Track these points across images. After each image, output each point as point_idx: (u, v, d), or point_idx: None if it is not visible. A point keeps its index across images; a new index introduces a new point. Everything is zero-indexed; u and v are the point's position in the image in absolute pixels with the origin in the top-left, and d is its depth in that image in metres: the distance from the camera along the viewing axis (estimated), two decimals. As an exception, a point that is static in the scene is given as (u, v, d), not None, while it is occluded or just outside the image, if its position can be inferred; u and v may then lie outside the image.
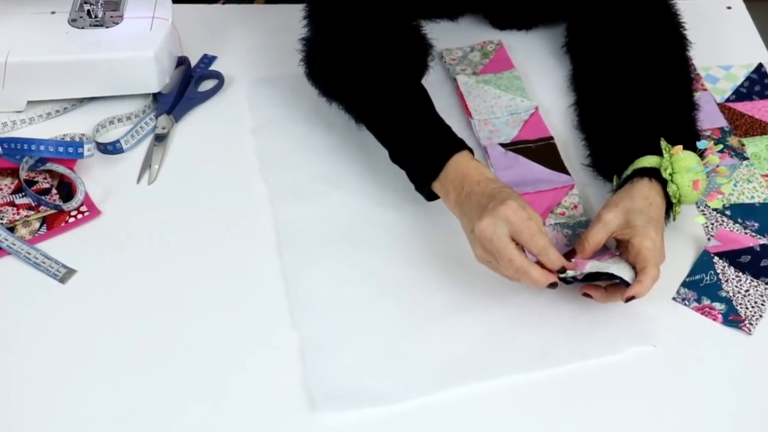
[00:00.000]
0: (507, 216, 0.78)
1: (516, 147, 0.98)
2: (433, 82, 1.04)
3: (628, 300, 0.80)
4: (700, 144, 0.85)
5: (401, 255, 0.88)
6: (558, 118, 1.03)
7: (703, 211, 0.93)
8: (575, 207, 0.92)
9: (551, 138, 0.99)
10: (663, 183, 0.85)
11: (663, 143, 0.86)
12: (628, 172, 0.87)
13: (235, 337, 0.82)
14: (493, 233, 0.78)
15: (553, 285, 0.79)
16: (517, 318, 0.82)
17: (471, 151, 0.88)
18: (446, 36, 1.10)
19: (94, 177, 0.96)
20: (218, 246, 0.90)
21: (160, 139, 1.00)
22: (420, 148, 0.88)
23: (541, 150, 0.98)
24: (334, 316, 0.83)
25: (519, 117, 1.02)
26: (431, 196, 0.88)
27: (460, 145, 0.87)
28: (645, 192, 0.84)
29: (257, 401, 0.77)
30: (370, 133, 0.93)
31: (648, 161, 0.87)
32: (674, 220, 0.87)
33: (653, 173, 0.85)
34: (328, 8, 0.96)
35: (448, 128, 0.89)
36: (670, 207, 0.86)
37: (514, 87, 1.05)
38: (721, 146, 0.91)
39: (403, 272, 0.86)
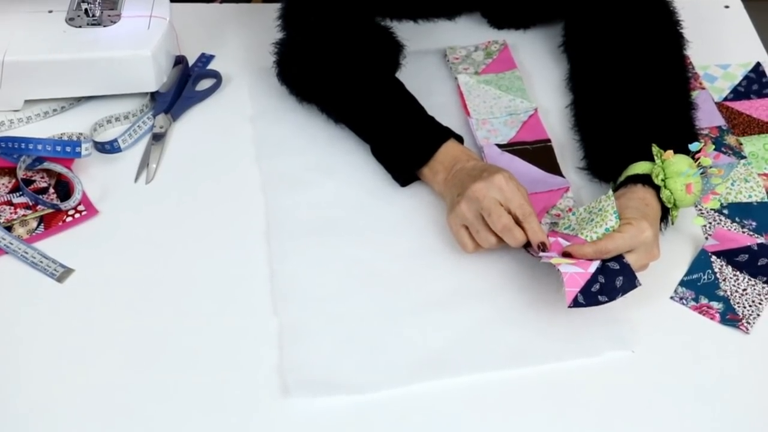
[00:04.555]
0: (500, 184, 0.83)
1: (513, 148, 0.98)
2: (433, 79, 1.06)
3: (564, 255, 0.81)
4: (692, 146, 0.86)
5: (387, 248, 0.88)
6: (556, 119, 1.03)
7: (701, 211, 0.93)
8: (570, 209, 0.92)
9: (548, 140, 0.99)
10: (657, 188, 0.86)
11: (654, 149, 0.87)
12: (622, 178, 0.88)
13: (221, 325, 0.83)
14: (486, 195, 0.82)
15: (538, 247, 0.82)
16: (496, 317, 0.83)
17: (459, 138, 0.92)
18: (444, 35, 1.11)
19: (92, 176, 0.96)
20: (216, 245, 0.90)
21: (158, 138, 1.00)
22: (407, 137, 0.91)
23: (537, 152, 0.98)
24: (316, 304, 0.84)
25: (518, 118, 1.02)
26: (407, 181, 0.91)
27: (448, 133, 0.91)
28: (640, 195, 0.85)
29: (234, 382, 0.78)
30: (350, 129, 0.96)
31: (640, 167, 0.87)
32: (672, 224, 0.88)
33: (647, 179, 0.86)
34: (301, 12, 0.98)
35: (432, 119, 0.93)
36: (667, 212, 0.87)
37: (515, 88, 1.05)
38: (713, 147, 0.91)
39: (388, 265, 0.87)
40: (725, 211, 0.93)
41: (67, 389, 0.78)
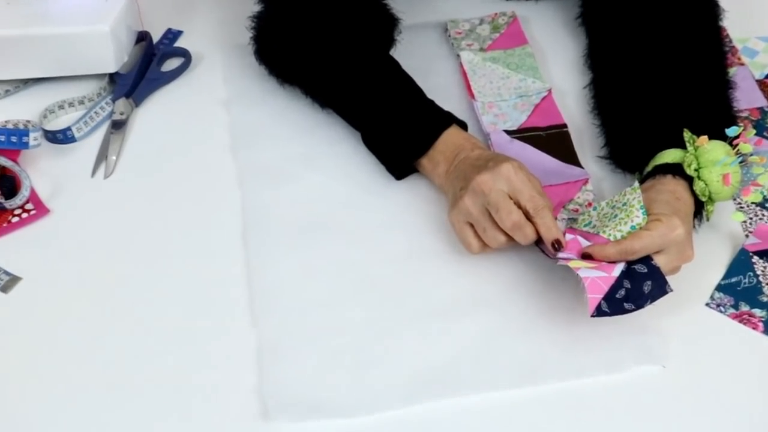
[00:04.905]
0: (508, 174, 0.83)
1: (524, 134, 0.98)
2: (432, 57, 1.06)
3: (584, 256, 0.80)
4: (730, 131, 0.85)
5: (383, 249, 0.89)
6: (573, 102, 1.03)
7: (741, 205, 0.92)
8: (589, 204, 0.92)
9: (564, 125, 0.99)
10: (690, 180, 0.85)
11: (686, 134, 0.86)
12: (649, 168, 0.87)
13: (192, 339, 0.83)
14: (492, 187, 0.82)
15: (552, 245, 0.81)
16: (506, 327, 0.83)
17: (462, 124, 0.92)
18: (445, 7, 1.11)
19: (42, 170, 0.95)
20: (184, 247, 0.90)
21: (118, 126, 0.99)
22: (404, 124, 0.91)
23: (552, 139, 0.98)
24: (300, 315, 0.84)
25: (529, 100, 1.01)
26: (403, 173, 0.91)
27: (450, 119, 0.91)
28: (670, 187, 0.84)
29: (207, 406, 0.78)
30: (339, 115, 0.97)
31: (670, 156, 0.86)
32: (708, 220, 0.88)
33: (678, 169, 0.85)
34: None
35: (432, 102, 0.93)
36: (702, 206, 0.86)
37: (526, 66, 1.05)
38: (753, 131, 0.90)
39: (383, 269, 0.87)
40: (768, 205, 0.92)
41: (7, 411, 0.77)
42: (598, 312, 0.78)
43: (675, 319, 0.83)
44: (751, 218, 0.91)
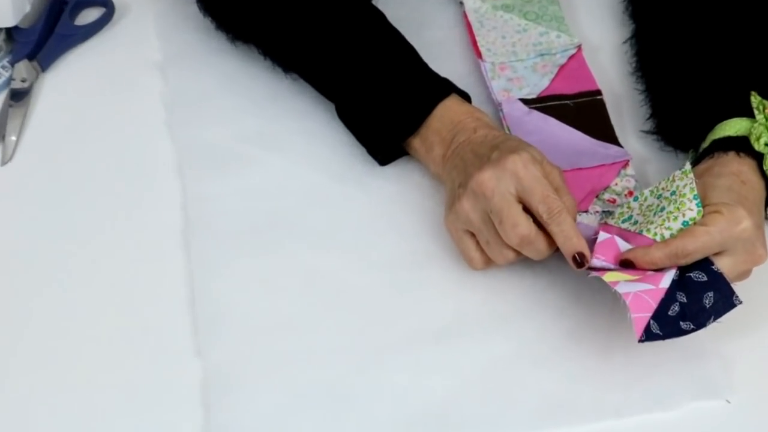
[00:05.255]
0: (515, 170, 0.81)
1: (546, 104, 0.98)
2: (427, 6, 1.06)
3: (624, 264, 0.80)
4: None
5: (363, 255, 0.88)
6: (608, 60, 1.03)
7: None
8: (630, 193, 0.92)
9: (598, 92, 0.99)
10: (759, 157, 0.85)
11: (755, 99, 0.86)
12: (706, 144, 0.87)
13: (119, 373, 0.82)
14: (495, 189, 0.81)
15: (574, 260, 0.81)
16: (523, 353, 0.82)
17: (464, 95, 0.92)
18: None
19: None
20: (106, 254, 0.89)
21: (19, 96, 0.99)
22: (390, 93, 0.91)
23: (582, 109, 0.97)
24: (257, 340, 0.83)
25: (553, 60, 1.02)
26: (389, 157, 0.91)
27: (448, 87, 0.91)
28: (734, 168, 0.84)
29: None
30: (306, 81, 0.96)
31: (734, 127, 0.86)
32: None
33: (743, 144, 0.85)
34: None
35: (425, 65, 0.92)
36: (774, 190, 0.87)
37: (548, 15, 1.05)
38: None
39: (362, 279, 0.87)
40: None
41: None
42: (647, 335, 0.77)
43: (742, 342, 0.83)
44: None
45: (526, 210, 0.82)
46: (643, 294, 0.78)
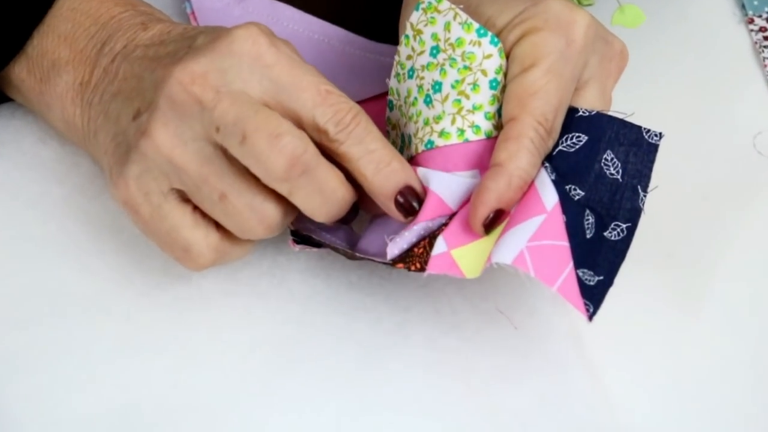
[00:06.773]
0: (252, 51, 0.58)
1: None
2: None
3: (488, 223, 0.58)
4: None
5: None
6: None
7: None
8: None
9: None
10: None
11: None
12: None
13: None
14: (222, 88, 0.57)
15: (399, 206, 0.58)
16: (543, 405, 0.67)
17: None
18: None
19: None
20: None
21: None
22: None
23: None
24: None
25: None
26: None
27: None
28: None
29: None
30: None
31: None
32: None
33: None
34: None
35: None
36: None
37: None
38: None
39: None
40: None
41: None
42: (590, 298, 0.56)
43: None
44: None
45: None
46: (539, 238, 0.56)
